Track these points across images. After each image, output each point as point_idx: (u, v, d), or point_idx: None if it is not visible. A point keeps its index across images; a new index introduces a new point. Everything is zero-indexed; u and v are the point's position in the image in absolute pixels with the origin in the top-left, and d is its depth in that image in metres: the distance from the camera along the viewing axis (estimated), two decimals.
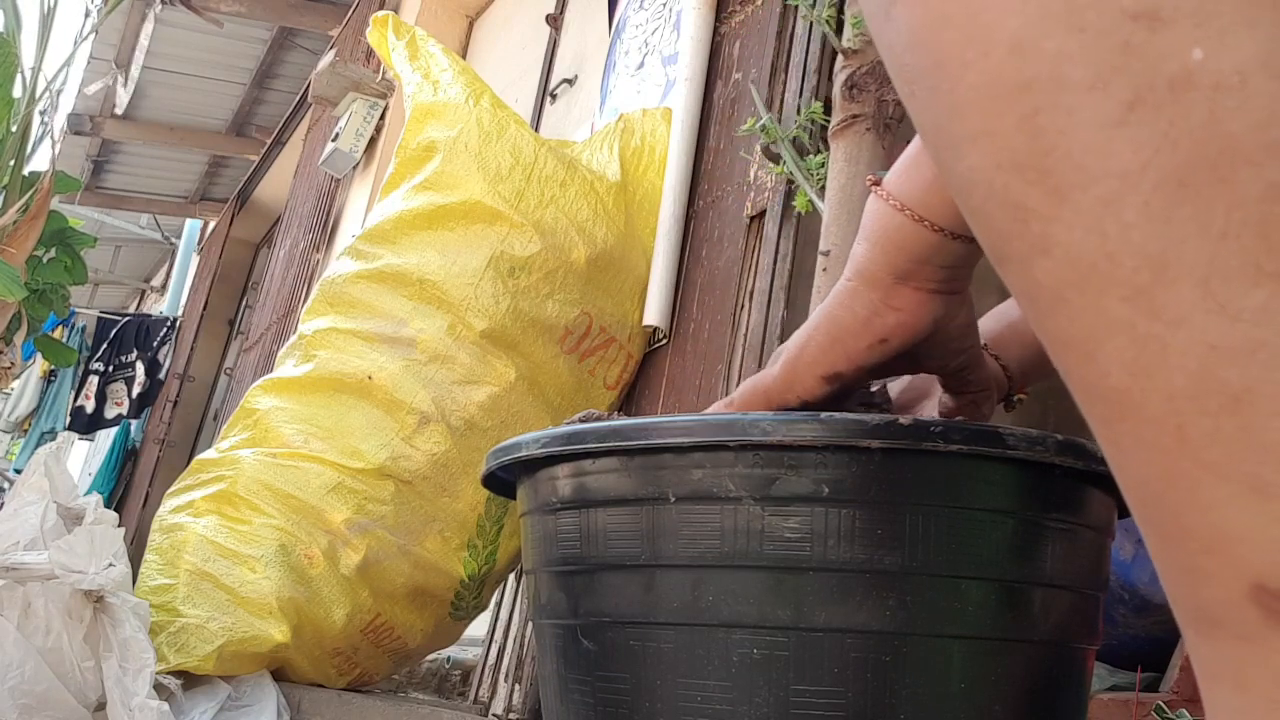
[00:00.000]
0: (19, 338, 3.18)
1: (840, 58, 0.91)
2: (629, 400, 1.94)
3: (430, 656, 2.22)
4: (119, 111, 6.28)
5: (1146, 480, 0.30)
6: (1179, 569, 0.31)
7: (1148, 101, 0.27)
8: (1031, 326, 0.33)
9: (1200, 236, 0.27)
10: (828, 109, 1.13)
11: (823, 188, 1.01)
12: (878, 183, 0.60)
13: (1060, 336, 0.31)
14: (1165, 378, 0.28)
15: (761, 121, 1.23)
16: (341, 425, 1.72)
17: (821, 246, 0.88)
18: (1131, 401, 0.29)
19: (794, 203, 1.48)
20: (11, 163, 3.00)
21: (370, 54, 4.25)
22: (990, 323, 0.75)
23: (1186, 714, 1.16)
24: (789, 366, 0.62)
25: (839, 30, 1.04)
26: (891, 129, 0.91)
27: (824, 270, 0.82)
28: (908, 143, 0.61)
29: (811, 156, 1.26)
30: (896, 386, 0.73)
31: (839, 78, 0.90)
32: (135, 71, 5.79)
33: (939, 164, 0.34)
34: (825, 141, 1.01)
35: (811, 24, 1.61)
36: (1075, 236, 0.29)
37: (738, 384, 1.63)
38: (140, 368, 6.61)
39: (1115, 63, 0.27)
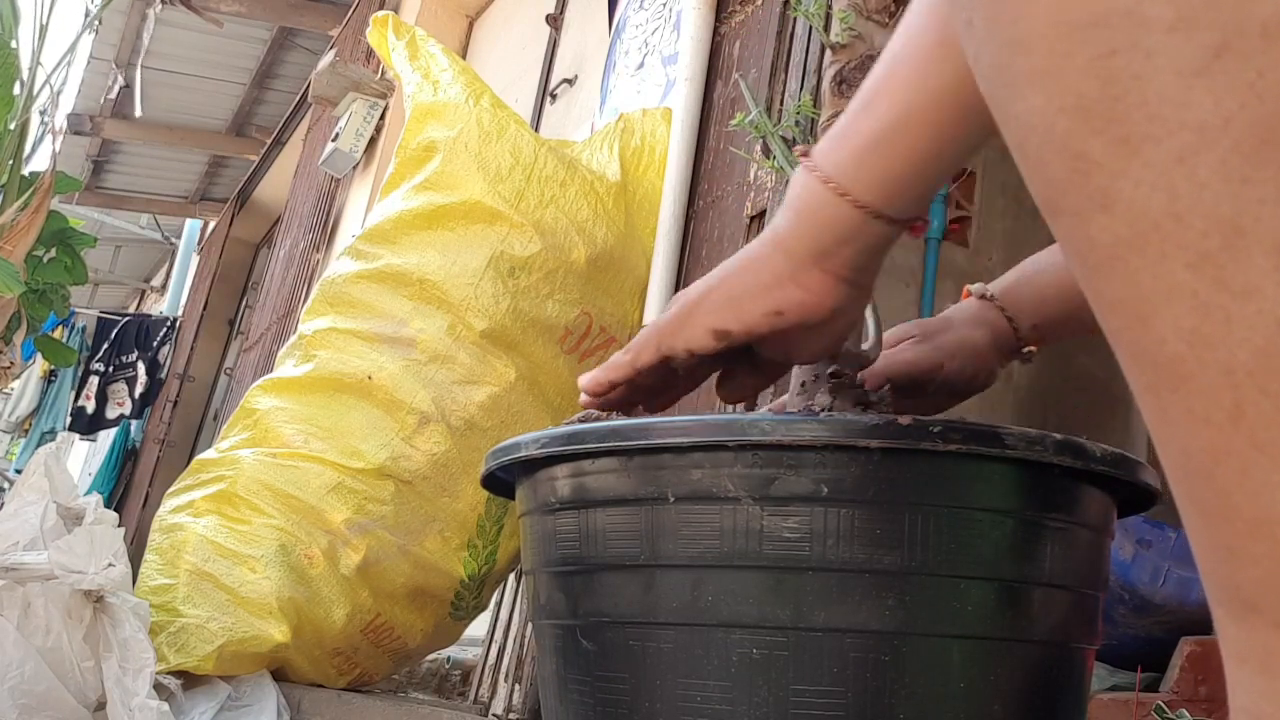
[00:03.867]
0: (19, 337, 3.18)
1: (829, 53, 0.90)
2: None
3: (430, 656, 2.22)
4: (119, 111, 6.28)
5: (1193, 454, 0.29)
6: (1218, 548, 0.29)
7: (1236, 48, 0.25)
8: (1079, 283, 0.31)
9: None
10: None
11: None
12: (806, 154, 0.59)
13: (1112, 298, 0.29)
14: (1226, 351, 0.27)
15: (751, 116, 1.23)
16: (341, 425, 1.72)
17: None
18: (1186, 372, 0.28)
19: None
20: (10, 161, 2.99)
21: (370, 54, 4.25)
22: (1006, 279, 0.75)
23: (1186, 714, 1.16)
24: (685, 310, 0.62)
25: (827, 26, 1.04)
26: None
27: None
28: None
29: None
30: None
31: (828, 73, 0.89)
32: (135, 71, 5.79)
33: (993, 104, 0.32)
34: (817, 137, 1.01)
35: (811, 24, 1.61)
36: (1141, 193, 0.27)
37: None
38: (141, 368, 6.61)
39: (1202, 2, 0.25)
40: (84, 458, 8.70)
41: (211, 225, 7.59)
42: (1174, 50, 0.26)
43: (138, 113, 6.28)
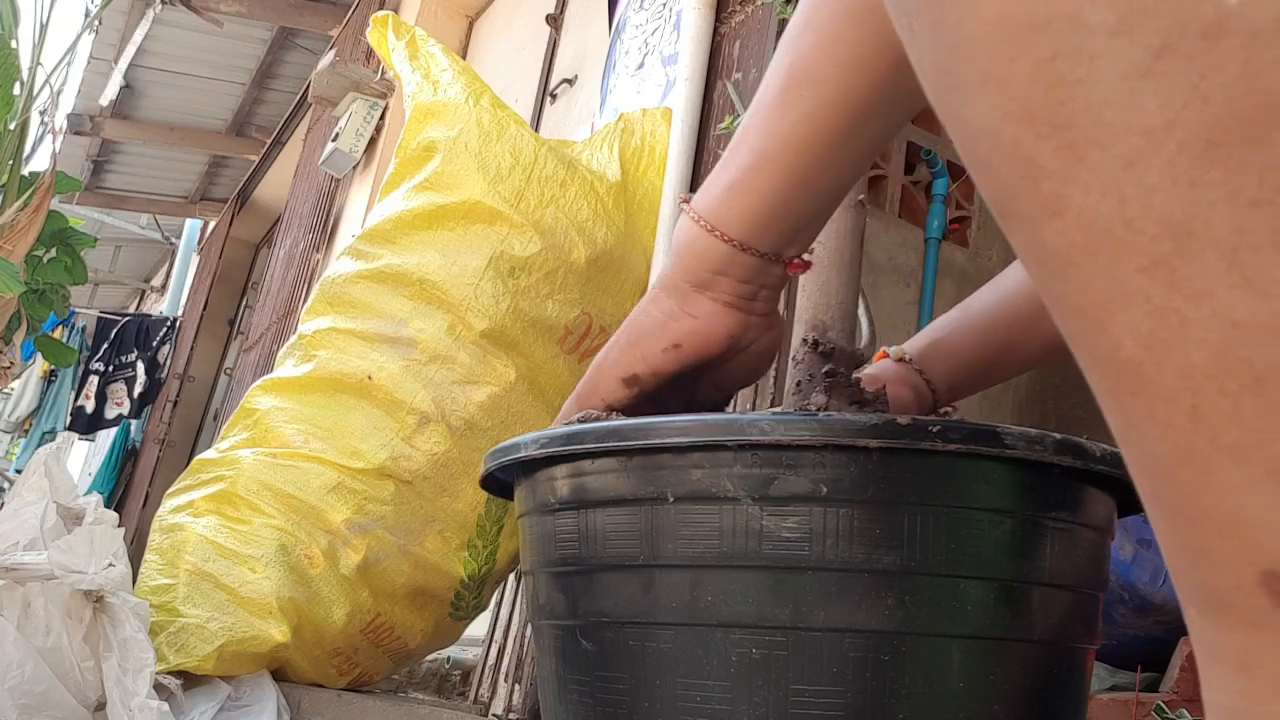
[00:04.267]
0: (19, 337, 3.17)
1: None
2: None
3: (430, 656, 2.22)
4: (119, 111, 6.28)
5: (1157, 458, 0.29)
6: (1187, 549, 0.29)
7: (1177, 50, 0.25)
8: (1038, 289, 0.31)
9: (1229, 203, 0.25)
10: None
11: None
12: (688, 200, 0.63)
13: (1069, 303, 0.29)
14: (1183, 354, 0.27)
15: (739, 119, 1.24)
16: (341, 425, 1.72)
17: None
18: (1144, 376, 0.28)
19: None
20: (10, 161, 2.99)
21: (370, 54, 4.25)
22: (920, 341, 0.77)
23: (1186, 714, 1.16)
24: (595, 369, 0.65)
25: None
26: None
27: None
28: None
29: None
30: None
31: None
32: (135, 71, 5.79)
33: (940, 110, 0.31)
34: None
35: None
36: (1090, 199, 0.27)
37: None
38: (141, 368, 6.61)
39: (1143, 5, 0.25)
40: (84, 458, 8.70)
41: (211, 225, 7.59)
42: (1116, 54, 0.25)
43: (138, 113, 6.28)
